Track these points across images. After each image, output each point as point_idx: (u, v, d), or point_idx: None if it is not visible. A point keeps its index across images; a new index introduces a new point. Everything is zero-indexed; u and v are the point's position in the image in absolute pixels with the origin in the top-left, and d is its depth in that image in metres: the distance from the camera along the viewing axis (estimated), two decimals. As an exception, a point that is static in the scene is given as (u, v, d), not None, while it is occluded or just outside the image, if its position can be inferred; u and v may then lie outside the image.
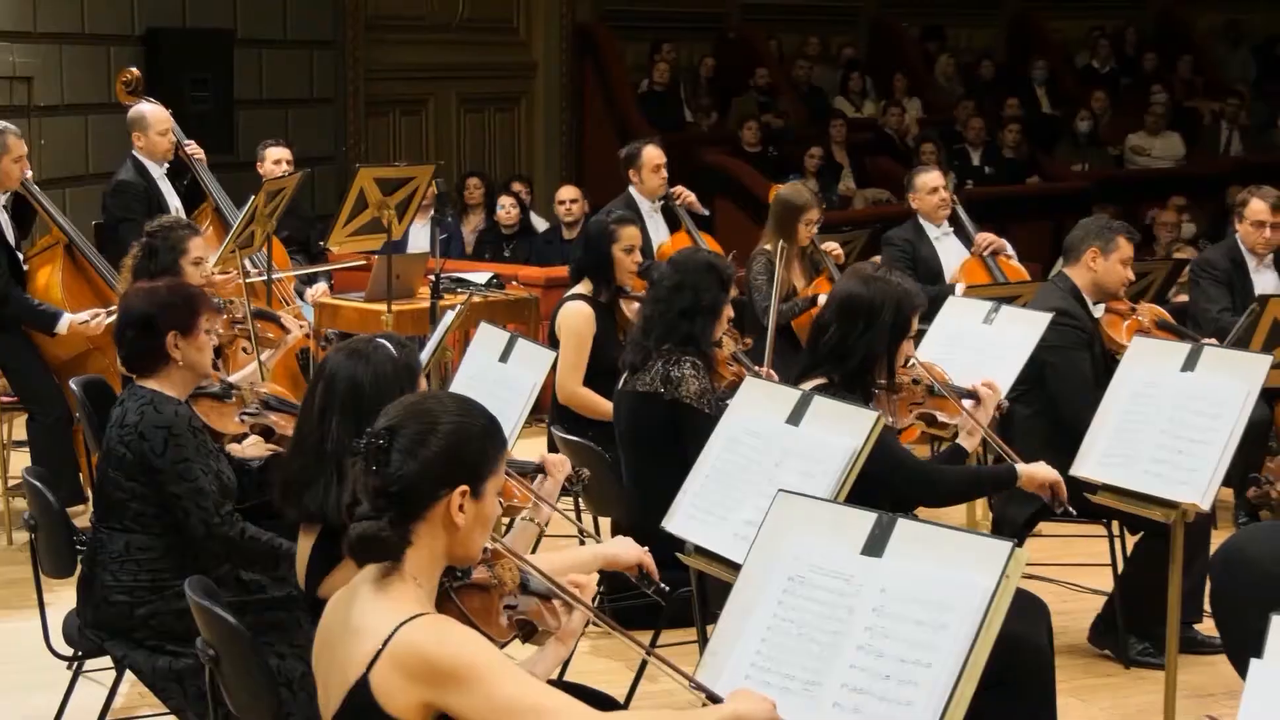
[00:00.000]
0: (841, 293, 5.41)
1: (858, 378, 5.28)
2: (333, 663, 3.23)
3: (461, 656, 3.08)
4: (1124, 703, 6.23)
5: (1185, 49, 19.01)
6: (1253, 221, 8.37)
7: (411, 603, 3.17)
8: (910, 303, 5.40)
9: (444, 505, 3.21)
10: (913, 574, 3.64)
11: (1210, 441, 5.23)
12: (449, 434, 3.22)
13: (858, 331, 5.30)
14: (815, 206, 8.70)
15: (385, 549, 3.20)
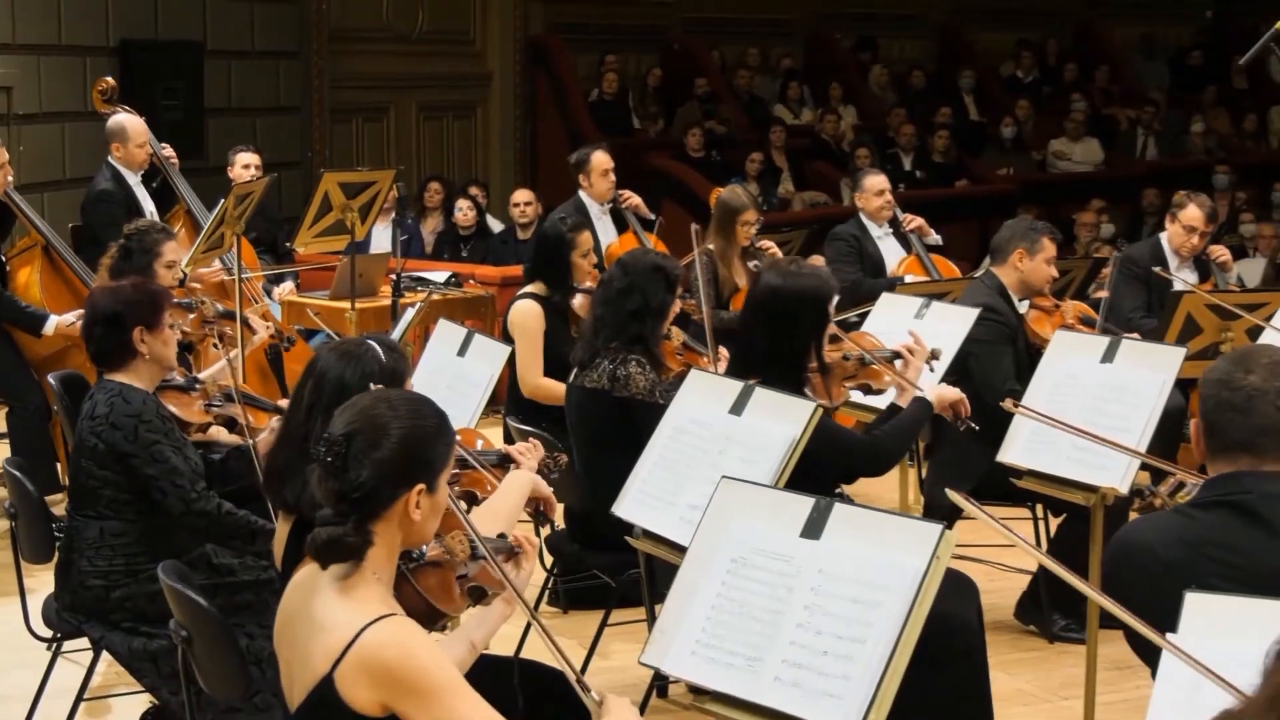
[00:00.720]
0: (761, 295, 5.38)
1: (793, 374, 5.27)
2: (296, 650, 3.20)
3: (423, 672, 3.06)
4: (1048, 675, 6.25)
5: (1103, 60, 19.09)
6: (1185, 225, 8.35)
7: (376, 602, 3.15)
8: (827, 290, 5.42)
9: (402, 504, 3.19)
10: (849, 555, 3.65)
11: (1128, 429, 5.25)
12: (403, 438, 3.19)
13: (784, 332, 5.29)
14: (751, 208, 8.71)
15: (349, 551, 3.17)
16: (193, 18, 13.05)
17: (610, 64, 16.42)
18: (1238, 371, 3.41)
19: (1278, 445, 3.36)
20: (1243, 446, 3.38)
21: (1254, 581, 3.20)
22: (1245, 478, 3.37)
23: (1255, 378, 3.38)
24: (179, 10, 12.91)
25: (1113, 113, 18.18)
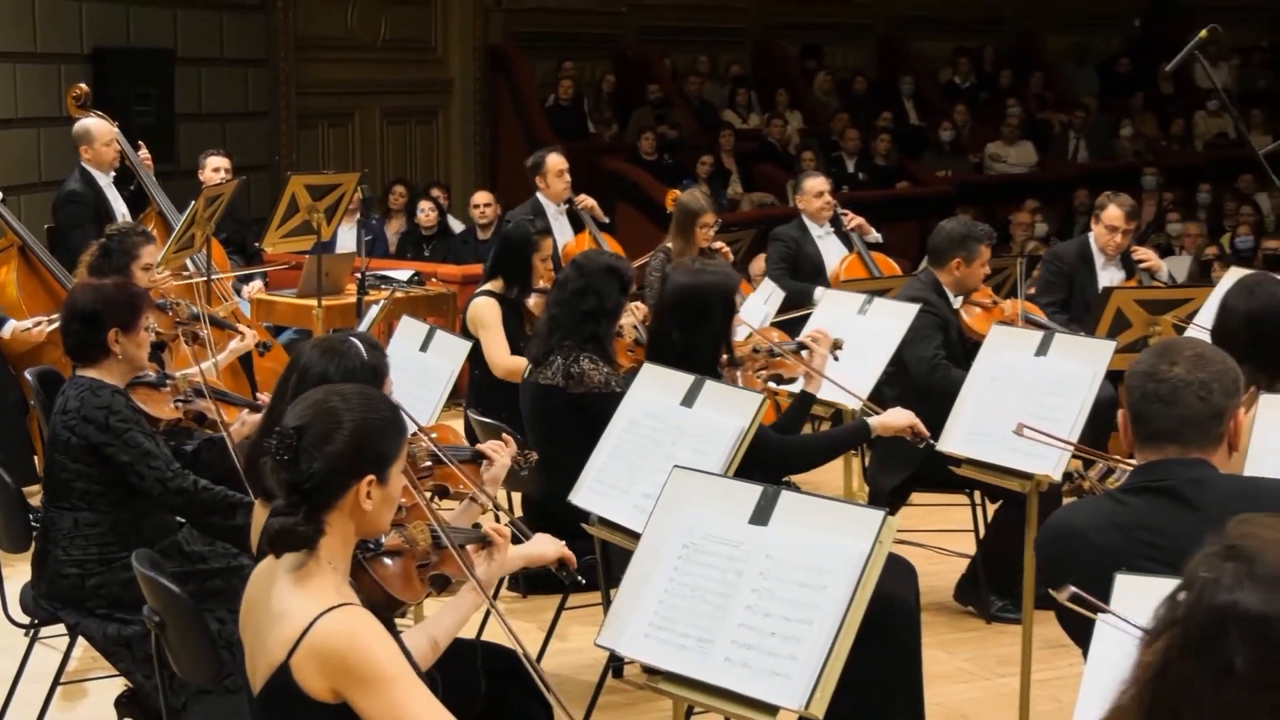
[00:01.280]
0: (672, 293, 5.44)
1: (707, 366, 5.30)
2: (257, 638, 3.19)
3: (372, 662, 3.04)
4: (985, 654, 6.27)
5: (1037, 67, 19.15)
6: (1107, 225, 8.39)
7: (330, 591, 3.12)
8: (733, 284, 5.52)
9: (353, 495, 3.16)
10: (795, 541, 3.65)
11: (1061, 419, 5.27)
12: (353, 430, 3.16)
13: (697, 326, 5.35)
14: (710, 211, 8.73)
15: (301, 540, 3.15)
16: (164, 26, 12.99)
17: (566, 71, 16.41)
18: (1163, 364, 3.42)
19: (1201, 434, 3.37)
20: (1168, 436, 3.40)
21: (1181, 563, 3.20)
22: (1172, 465, 3.38)
23: (1180, 370, 3.40)
24: (150, 19, 12.85)
25: (1046, 117, 18.25)
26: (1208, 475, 3.37)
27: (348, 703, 3.05)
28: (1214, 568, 2.05)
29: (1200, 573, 2.06)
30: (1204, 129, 18.47)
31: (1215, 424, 3.38)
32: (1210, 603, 2.01)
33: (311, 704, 3.06)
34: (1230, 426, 3.40)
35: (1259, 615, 1.98)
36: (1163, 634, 2.06)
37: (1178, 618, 2.05)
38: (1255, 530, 2.09)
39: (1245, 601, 1.99)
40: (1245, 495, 3.28)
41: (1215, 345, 4.50)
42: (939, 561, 7.18)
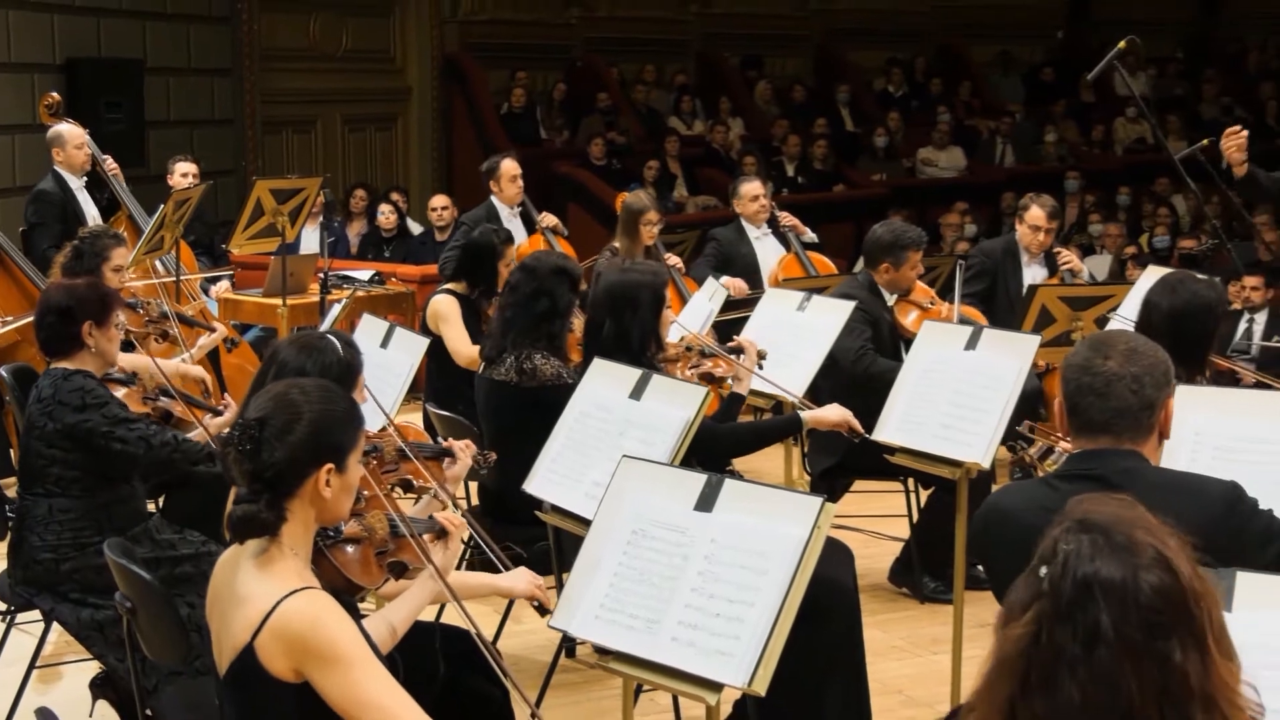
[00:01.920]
0: (604, 288, 5.50)
1: (641, 357, 5.32)
2: (223, 622, 3.18)
3: (332, 643, 3.03)
4: (919, 632, 6.30)
5: (965, 76, 19.22)
6: (1030, 225, 8.42)
7: (291, 575, 3.11)
8: (661, 281, 5.55)
9: (312, 483, 3.16)
10: (738, 526, 3.66)
11: (989, 409, 5.29)
12: (312, 421, 3.16)
13: (628, 317, 5.40)
14: (653, 210, 8.74)
15: (263, 527, 3.14)
16: (133, 37, 12.91)
17: (519, 80, 16.38)
18: (1097, 357, 3.42)
19: (1134, 425, 3.38)
20: (1102, 426, 3.40)
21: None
22: (1106, 455, 3.38)
23: (1113, 363, 3.40)
24: (120, 30, 12.77)
25: (974, 124, 18.31)
26: (1139, 466, 3.37)
27: (309, 682, 3.04)
28: (1072, 540, 2.14)
29: (1061, 546, 2.14)
30: (1123, 135, 18.57)
31: (1147, 415, 3.38)
32: (1075, 572, 2.10)
33: (275, 683, 3.05)
34: (1160, 418, 3.41)
35: (1120, 579, 2.08)
36: (1030, 606, 2.13)
37: (1043, 590, 2.12)
38: (1097, 506, 2.19)
39: (1105, 568, 2.09)
40: (1171, 487, 3.29)
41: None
42: (875, 545, 7.20)
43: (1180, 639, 2.08)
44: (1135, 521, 2.16)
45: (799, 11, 19.13)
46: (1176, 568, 2.12)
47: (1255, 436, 4.13)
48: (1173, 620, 2.08)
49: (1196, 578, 2.13)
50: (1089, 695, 2.06)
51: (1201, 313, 4.67)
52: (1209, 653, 2.10)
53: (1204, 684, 2.08)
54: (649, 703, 5.42)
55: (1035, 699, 2.10)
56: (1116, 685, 2.06)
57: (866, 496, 7.24)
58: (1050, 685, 2.09)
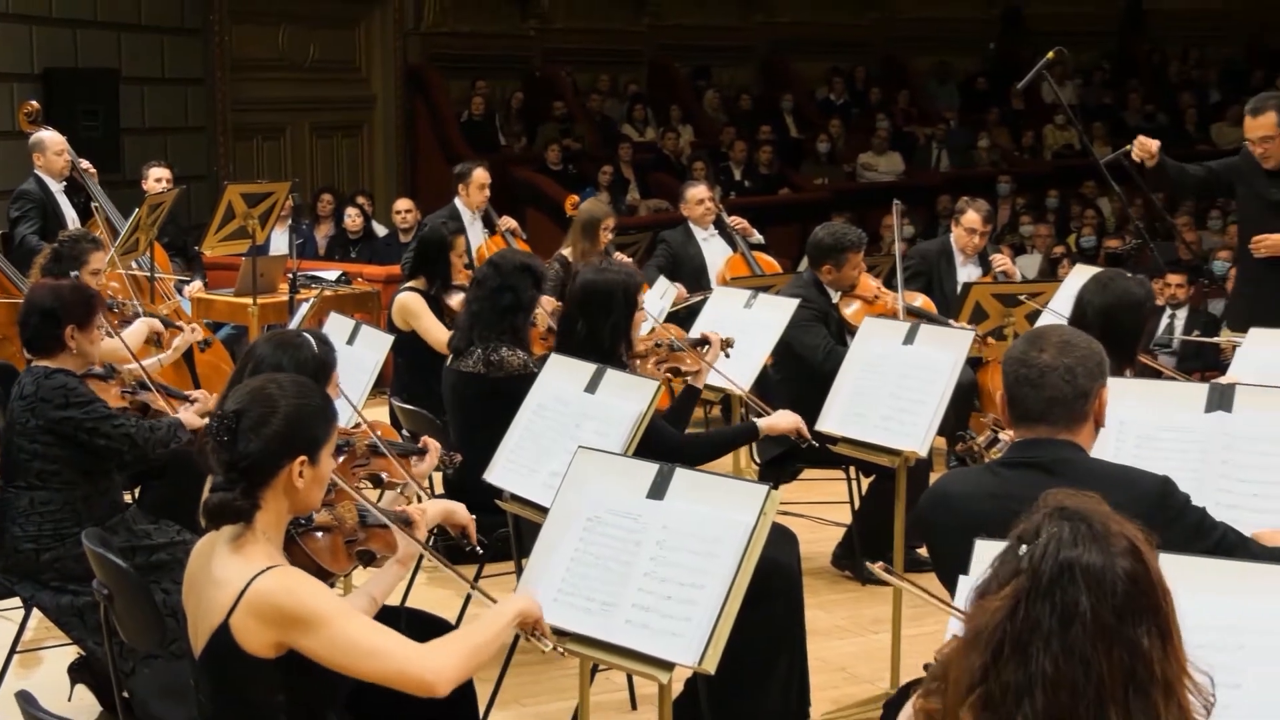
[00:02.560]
0: (579, 288, 5.44)
1: (612, 356, 5.31)
2: (198, 605, 3.17)
3: (308, 604, 3.03)
4: (860, 613, 6.31)
5: (903, 85, 19.28)
6: (966, 228, 8.44)
7: (263, 557, 3.11)
8: (635, 282, 5.51)
9: (286, 473, 3.15)
10: (689, 513, 3.66)
11: (927, 401, 5.31)
12: (287, 415, 3.15)
13: (602, 317, 5.35)
14: (610, 216, 8.75)
15: (238, 514, 3.14)
16: (109, 48, 12.83)
17: (479, 89, 16.35)
18: (1033, 351, 3.45)
19: (1068, 414, 3.40)
20: (1038, 416, 3.42)
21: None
22: (1045, 444, 3.40)
23: (1047, 356, 3.42)
24: (97, 42, 12.69)
25: (912, 130, 18.37)
26: (1076, 456, 3.39)
27: (294, 650, 3.04)
28: (1055, 526, 2.18)
29: (1044, 529, 2.18)
30: (1052, 141, 18.66)
31: (1081, 404, 3.40)
32: (1058, 555, 2.15)
33: (250, 660, 3.05)
34: (1095, 406, 3.43)
35: (1099, 566, 2.13)
36: (1009, 582, 2.17)
37: (1023, 568, 2.17)
38: (1071, 499, 2.24)
39: (1086, 554, 2.14)
40: (1106, 478, 3.30)
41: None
42: (818, 530, 7.21)
43: (1148, 626, 2.13)
44: (1109, 514, 2.21)
45: (745, 24, 19.15)
46: (1147, 559, 2.17)
47: (1175, 426, 4.16)
48: (1143, 608, 2.13)
49: (1159, 570, 2.19)
50: (1061, 669, 2.10)
51: (1132, 308, 4.71)
52: (1171, 640, 2.15)
53: (1166, 670, 2.12)
54: (605, 681, 5.42)
55: (1007, 667, 2.13)
56: (1088, 663, 2.10)
57: (811, 484, 7.25)
58: (1023, 655, 2.12)
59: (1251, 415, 4.13)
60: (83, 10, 12.58)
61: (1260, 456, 4.07)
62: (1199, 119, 18.95)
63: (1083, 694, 2.09)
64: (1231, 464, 4.07)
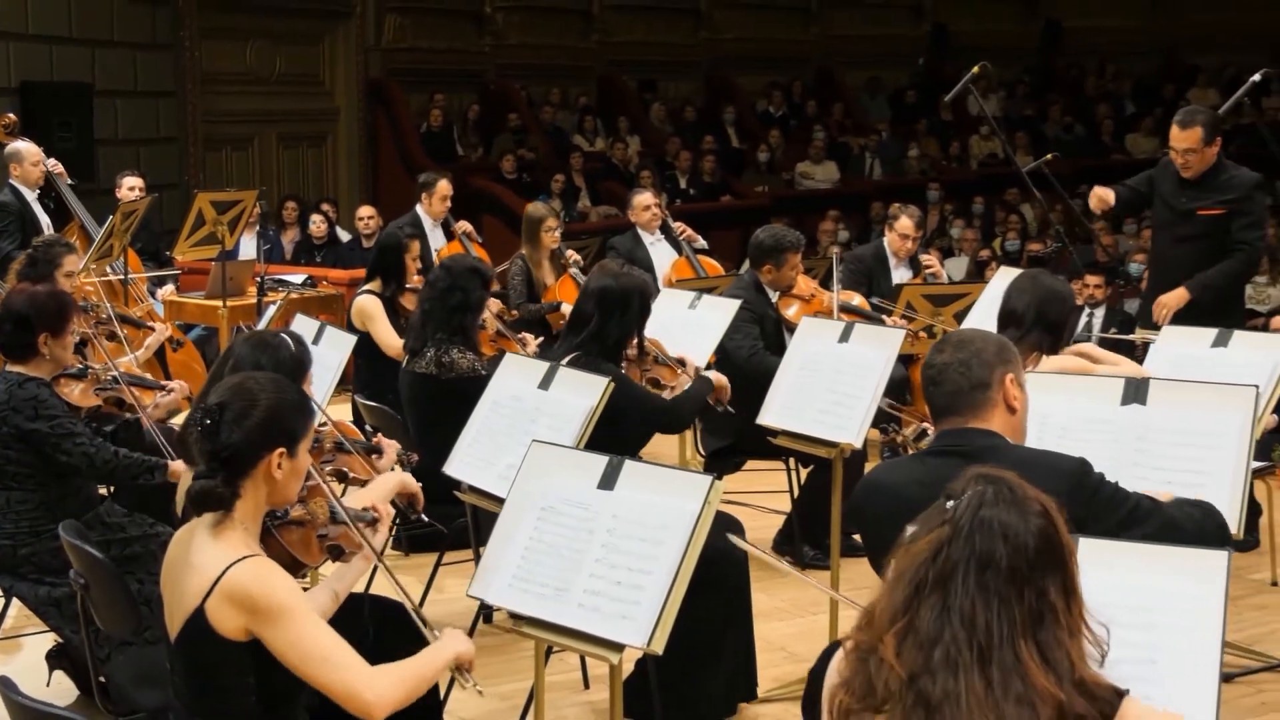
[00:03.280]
0: (597, 287, 5.44)
1: (613, 353, 5.33)
2: (176, 589, 3.15)
3: (278, 597, 3.02)
4: (800, 595, 6.33)
5: (838, 98, 19.34)
6: (899, 233, 8.48)
7: (240, 546, 3.10)
8: (649, 291, 5.57)
9: (265, 465, 3.14)
10: (638, 503, 3.67)
11: (861, 395, 5.33)
12: (267, 408, 3.15)
13: (614, 318, 5.36)
14: (551, 217, 8.75)
15: (218, 502, 3.13)
16: (83, 63, 12.72)
17: (437, 101, 16.30)
18: (934, 354, 3.52)
19: (970, 403, 3.44)
20: (945, 409, 3.47)
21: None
22: (967, 432, 3.43)
23: (944, 355, 3.48)
24: (71, 56, 12.58)
25: (846, 141, 18.43)
26: (998, 443, 3.41)
27: (258, 638, 3.02)
28: (979, 485, 2.37)
29: (970, 488, 2.37)
30: (977, 150, 18.76)
31: (981, 392, 3.43)
32: (978, 510, 2.34)
33: (223, 643, 3.04)
34: (1000, 394, 3.45)
35: (1014, 523, 2.32)
36: (934, 530, 2.36)
37: (948, 519, 2.35)
38: (996, 469, 2.43)
39: (1004, 513, 2.34)
40: (1027, 462, 3.31)
41: (1004, 323, 4.63)
42: (761, 518, 7.23)
43: (1053, 578, 2.31)
44: (1028, 484, 2.40)
45: (690, 40, 19.17)
46: (1057, 524, 2.36)
47: (1093, 418, 4.19)
48: (1051, 562, 2.32)
49: (1068, 536, 2.39)
50: (976, 604, 2.27)
51: (1058, 300, 4.77)
52: (1074, 593, 2.33)
53: (1068, 619, 2.30)
54: (559, 662, 5.42)
55: (928, 602, 2.30)
56: (1004, 600, 2.27)
57: (753, 474, 7.27)
58: (942, 591, 2.29)
59: (1164, 408, 4.17)
60: (58, 27, 12.47)
61: (1172, 447, 4.11)
62: (1114, 130, 19.09)
63: (998, 628, 2.26)
64: (1146, 453, 4.11)
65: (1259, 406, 4.34)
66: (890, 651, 2.28)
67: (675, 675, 4.81)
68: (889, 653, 2.28)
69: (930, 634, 2.27)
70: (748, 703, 5.15)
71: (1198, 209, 7.01)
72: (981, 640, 2.25)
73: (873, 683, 2.29)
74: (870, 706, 2.29)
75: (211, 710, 3.11)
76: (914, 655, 2.27)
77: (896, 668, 2.27)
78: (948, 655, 2.25)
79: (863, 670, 2.32)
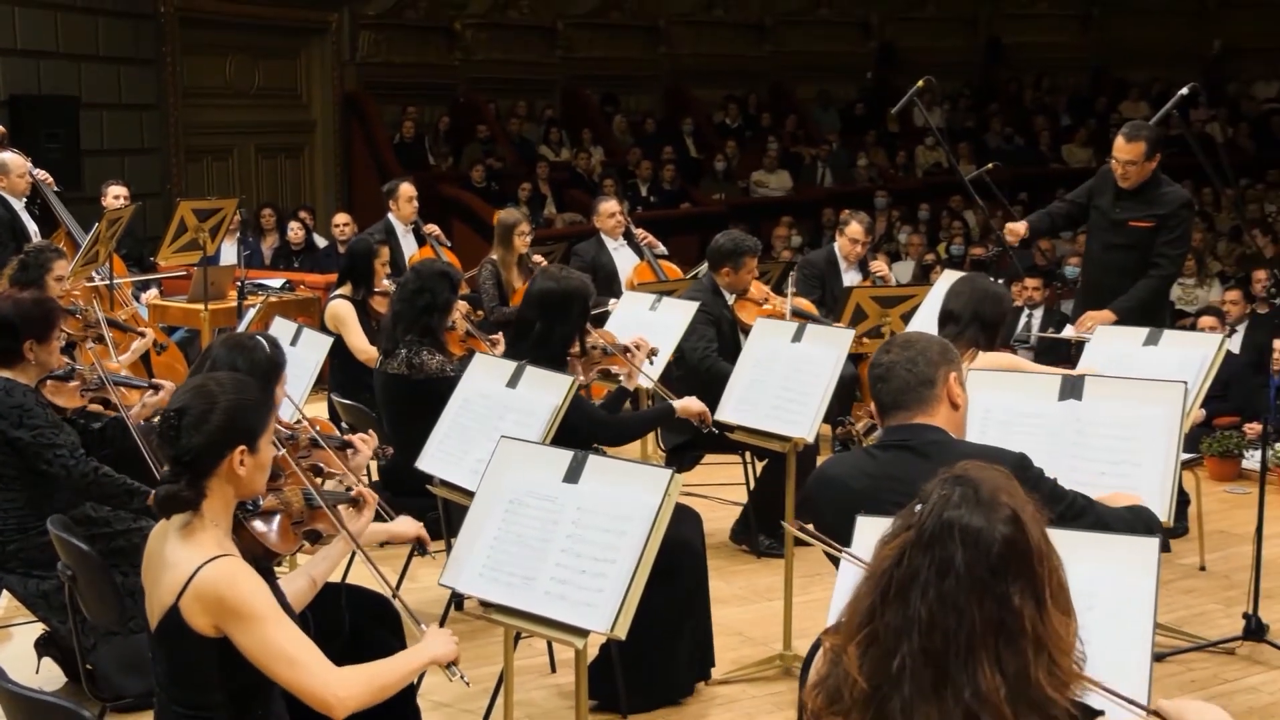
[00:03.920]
0: (538, 290, 5.39)
1: (559, 355, 5.30)
2: (154, 584, 3.12)
3: (246, 599, 2.98)
4: (756, 582, 6.35)
5: (790, 110, 19.37)
6: (850, 238, 8.51)
7: (212, 544, 3.07)
8: (590, 292, 5.50)
9: (228, 463, 3.10)
10: (601, 495, 3.66)
11: (813, 392, 5.34)
12: (226, 409, 3.10)
13: (556, 321, 5.31)
14: (524, 222, 8.75)
15: (185, 504, 3.09)
16: (70, 77, 12.63)
17: (410, 114, 16.25)
18: (881, 353, 3.53)
19: (916, 399, 3.44)
20: (891, 405, 3.47)
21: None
22: (914, 428, 3.43)
23: (891, 355, 3.49)
24: (59, 71, 12.49)
25: (799, 151, 18.46)
26: (943, 439, 3.42)
27: (228, 637, 3.00)
28: (947, 489, 2.20)
29: (936, 491, 2.20)
30: (923, 160, 18.82)
31: (926, 389, 3.44)
32: (941, 514, 2.16)
33: (197, 638, 3.01)
34: (944, 391, 3.45)
35: (977, 527, 2.15)
36: (900, 535, 2.20)
37: (913, 523, 2.19)
38: (974, 468, 2.25)
39: (968, 516, 2.16)
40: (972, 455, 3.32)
41: (943, 322, 4.65)
42: (719, 509, 7.24)
43: (1020, 586, 2.13)
44: (1004, 487, 2.21)
45: (650, 56, 19.16)
46: (1027, 528, 2.17)
47: (1032, 412, 4.21)
48: (1015, 569, 2.13)
49: (1044, 541, 2.20)
50: (935, 615, 2.11)
51: (995, 299, 4.80)
52: (1045, 604, 2.14)
53: (1037, 628, 2.12)
54: (527, 648, 5.42)
55: (890, 609, 2.15)
56: (961, 611, 2.10)
57: (711, 468, 7.28)
58: (904, 600, 2.14)
59: (1099, 403, 4.19)
60: (46, 42, 12.39)
61: (1106, 439, 4.14)
62: (1051, 140, 19.18)
63: (954, 638, 2.10)
64: (1081, 445, 4.14)
65: (1188, 401, 4.37)
66: (853, 663, 2.16)
67: (637, 659, 4.81)
68: (852, 664, 2.16)
69: (890, 644, 2.14)
70: (706, 683, 5.15)
71: (1129, 220, 7.06)
72: (939, 651, 2.10)
73: (840, 689, 2.18)
74: (838, 712, 2.18)
75: (189, 699, 3.09)
76: (875, 665, 2.15)
77: (859, 680, 2.15)
78: (906, 667, 2.12)
79: (834, 674, 2.21)
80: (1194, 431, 7.94)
